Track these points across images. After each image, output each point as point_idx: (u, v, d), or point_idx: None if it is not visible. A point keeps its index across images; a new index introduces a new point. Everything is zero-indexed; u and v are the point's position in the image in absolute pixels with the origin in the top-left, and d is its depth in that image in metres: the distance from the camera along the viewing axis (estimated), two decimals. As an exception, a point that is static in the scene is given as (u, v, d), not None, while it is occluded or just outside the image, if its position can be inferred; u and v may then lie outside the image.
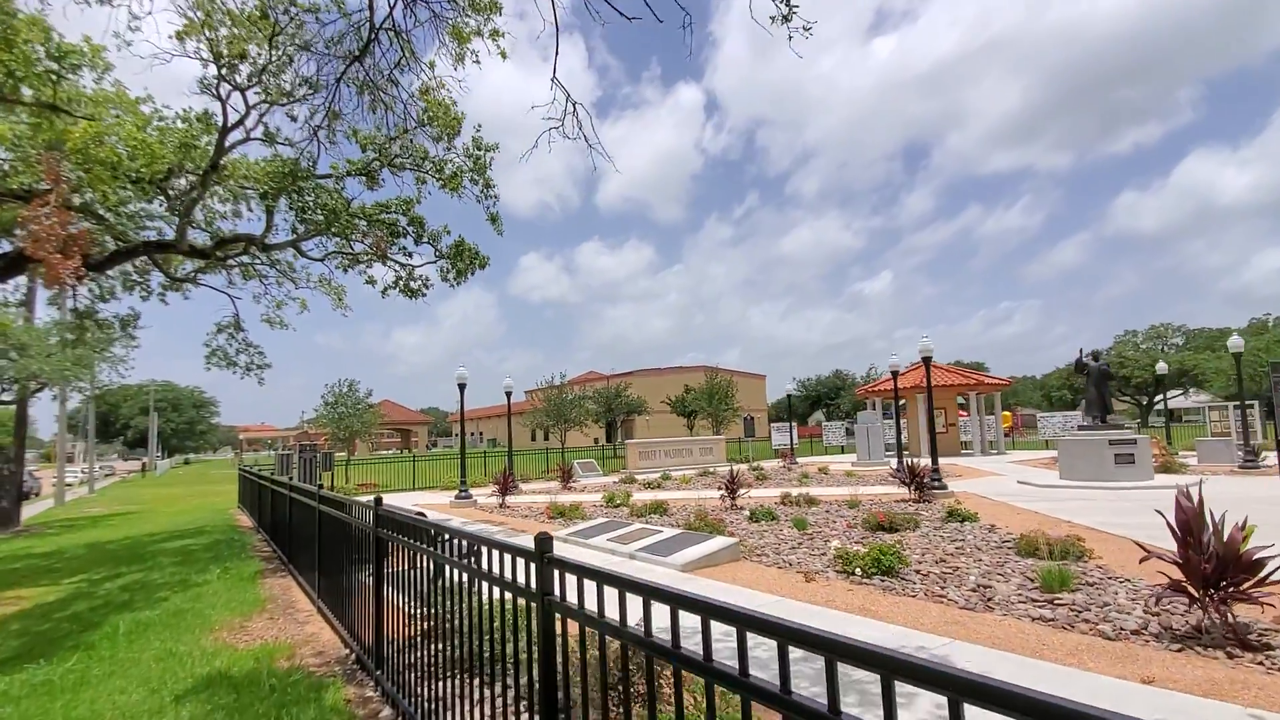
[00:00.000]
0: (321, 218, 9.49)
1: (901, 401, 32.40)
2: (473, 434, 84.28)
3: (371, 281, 12.82)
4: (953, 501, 12.99)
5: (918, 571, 7.19)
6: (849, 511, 12.15)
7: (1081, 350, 15.97)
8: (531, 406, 31.96)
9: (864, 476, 19.66)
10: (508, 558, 2.69)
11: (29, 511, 24.69)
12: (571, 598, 2.25)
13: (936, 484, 13.73)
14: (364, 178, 10.52)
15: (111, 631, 6.26)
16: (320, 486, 6.60)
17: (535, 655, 2.44)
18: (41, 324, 18.09)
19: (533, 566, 2.48)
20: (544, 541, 2.42)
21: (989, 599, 6.15)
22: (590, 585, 2.14)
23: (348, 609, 5.45)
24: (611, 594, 2.02)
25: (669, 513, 12.83)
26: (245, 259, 13.12)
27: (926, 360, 14.67)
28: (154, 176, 9.03)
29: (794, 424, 29.90)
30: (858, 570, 7.05)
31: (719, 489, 15.83)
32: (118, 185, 8.61)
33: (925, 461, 14.29)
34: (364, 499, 5.13)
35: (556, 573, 2.39)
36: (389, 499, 4.46)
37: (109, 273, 12.38)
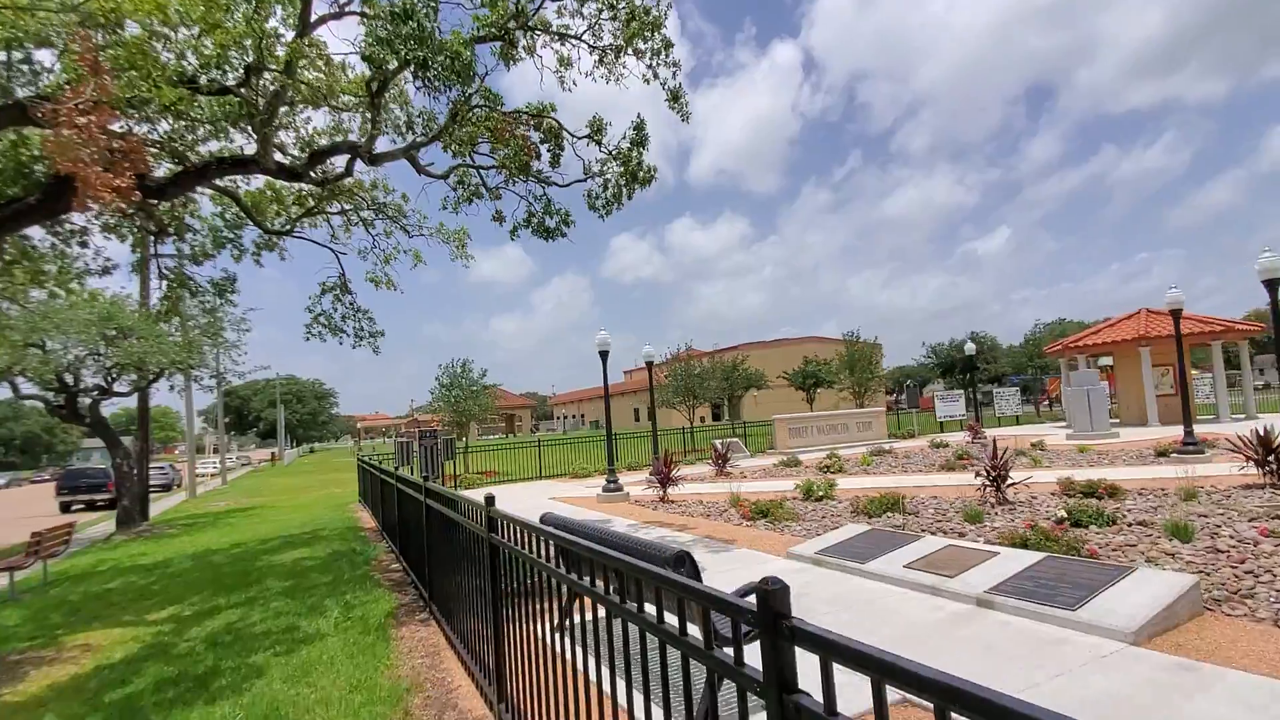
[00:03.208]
0: (448, 66, 6.39)
1: (1075, 360, 26.75)
2: (572, 416, 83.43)
3: (499, 217, 9.93)
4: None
5: None
6: (1188, 505, 8.06)
7: None
8: (643, 385, 29.19)
9: (1106, 452, 15.10)
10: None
11: (165, 504, 24.57)
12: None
13: (1306, 463, 9.28)
14: (500, 44, 7.42)
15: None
16: (490, 501, 3.61)
17: None
18: (155, 310, 16.88)
19: None
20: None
21: None
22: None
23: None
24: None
25: (910, 511, 9.24)
26: (348, 206, 10.62)
27: (1273, 285, 10.02)
28: (219, 62, 6.38)
29: (970, 392, 25.11)
30: None
31: (941, 469, 12.25)
32: (169, 74, 5.99)
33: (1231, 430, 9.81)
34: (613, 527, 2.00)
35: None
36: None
37: (196, 227, 10.23)
